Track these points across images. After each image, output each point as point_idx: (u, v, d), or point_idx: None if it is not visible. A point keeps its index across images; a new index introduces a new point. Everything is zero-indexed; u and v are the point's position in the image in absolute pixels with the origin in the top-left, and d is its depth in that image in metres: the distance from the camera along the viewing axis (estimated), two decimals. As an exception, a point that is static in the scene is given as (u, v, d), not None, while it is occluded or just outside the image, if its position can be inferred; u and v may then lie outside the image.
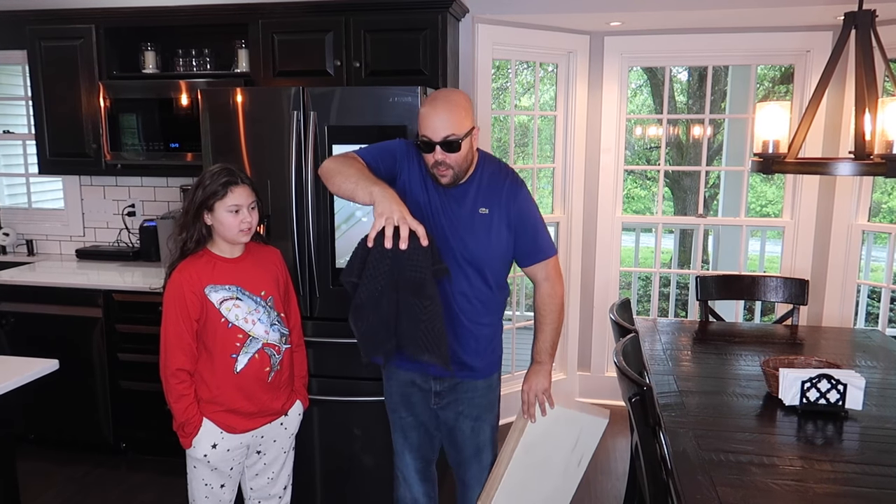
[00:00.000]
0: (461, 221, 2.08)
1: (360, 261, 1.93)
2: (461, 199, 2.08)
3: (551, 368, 2.24)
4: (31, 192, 4.36)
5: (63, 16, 3.58)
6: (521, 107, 8.33)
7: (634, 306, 3.82)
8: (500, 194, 2.10)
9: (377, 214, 1.81)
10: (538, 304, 2.22)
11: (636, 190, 11.88)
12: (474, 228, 2.08)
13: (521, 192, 2.13)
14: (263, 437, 2.28)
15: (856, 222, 3.79)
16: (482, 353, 2.20)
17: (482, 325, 2.18)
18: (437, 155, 1.98)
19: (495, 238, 2.10)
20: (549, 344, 2.21)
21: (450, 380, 2.19)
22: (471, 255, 2.09)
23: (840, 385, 2.13)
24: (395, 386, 2.27)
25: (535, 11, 3.55)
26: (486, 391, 2.23)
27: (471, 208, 2.08)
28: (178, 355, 2.12)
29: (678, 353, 2.77)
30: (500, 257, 2.15)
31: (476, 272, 2.11)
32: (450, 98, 2.02)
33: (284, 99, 2.93)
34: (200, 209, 2.12)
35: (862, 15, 2.24)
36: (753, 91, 4.27)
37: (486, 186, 2.10)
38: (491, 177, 2.12)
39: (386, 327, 1.99)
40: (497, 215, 2.10)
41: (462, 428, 2.23)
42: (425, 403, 2.24)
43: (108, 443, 3.51)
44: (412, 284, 1.90)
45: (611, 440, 3.75)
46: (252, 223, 2.16)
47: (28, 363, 2.29)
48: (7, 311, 3.48)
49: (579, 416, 2.27)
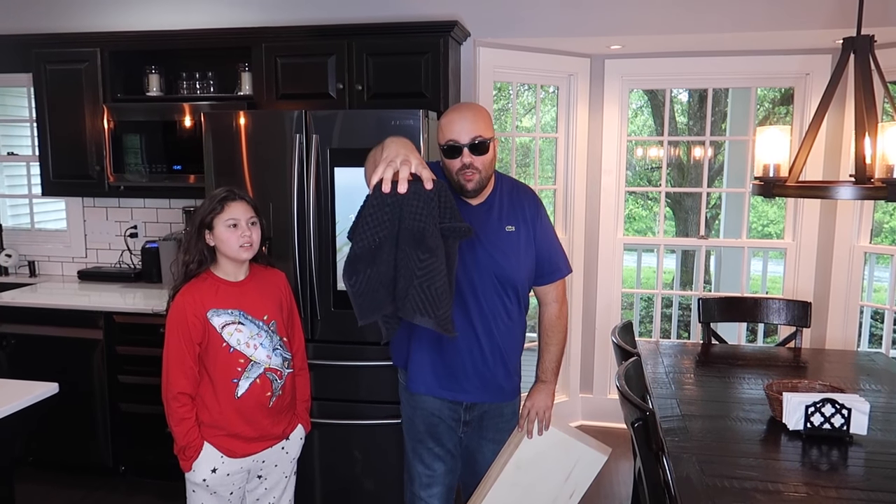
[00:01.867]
0: (490, 239, 2.05)
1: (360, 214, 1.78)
2: (487, 216, 2.07)
3: (555, 388, 2.23)
4: (34, 213, 4.38)
5: (68, 39, 3.62)
6: (522, 128, 8.38)
7: (637, 327, 3.81)
8: (523, 211, 2.10)
9: (381, 160, 1.71)
10: (546, 324, 2.21)
11: (637, 210, 11.89)
12: (503, 246, 2.06)
13: (542, 209, 2.15)
14: (265, 461, 2.26)
15: (858, 244, 3.79)
16: (514, 375, 2.19)
17: (517, 346, 2.18)
18: (465, 157, 1.94)
19: (524, 256, 2.10)
20: (555, 364, 2.21)
21: (480, 406, 2.16)
22: (503, 273, 2.06)
23: (844, 410, 2.11)
24: (421, 415, 2.17)
25: (536, 35, 3.58)
26: (511, 416, 2.22)
27: (497, 226, 2.07)
28: (180, 379, 2.11)
29: (681, 376, 2.75)
30: (527, 276, 2.13)
31: (511, 291, 2.09)
32: (473, 104, 2.07)
33: (287, 121, 2.95)
34: (201, 229, 2.13)
35: (861, 40, 2.25)
36: (754, 112, 4.30)
37: (507, 203, 2.10)
38: (511, 193, 2.12)
39: (384, 285, 1.81)
40: (524, 233, 2.09)
41: (484, 451, 2.21)
42: (452, 432, 2.19)
43: (108, 465, 3.48)
44: (412, 234, 1.73)
45: (614, 464, 3.71)
46: (252, 239, 2.16)
47: (27, 387, 2.27)
48: (8, 332, 3.47)
49: (579, 445, 2.23)
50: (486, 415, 2.18)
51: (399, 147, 1.74)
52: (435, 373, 2.11)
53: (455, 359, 2.10)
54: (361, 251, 1.76)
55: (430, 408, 2.16)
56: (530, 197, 2.15)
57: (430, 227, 1.72)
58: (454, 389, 2.12)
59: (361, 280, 1.79)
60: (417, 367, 2.13)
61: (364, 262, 1.77)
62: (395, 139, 1.80)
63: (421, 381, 2.14)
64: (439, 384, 2.12)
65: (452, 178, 1.99)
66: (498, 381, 2.14)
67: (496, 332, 2.09)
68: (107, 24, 3.81)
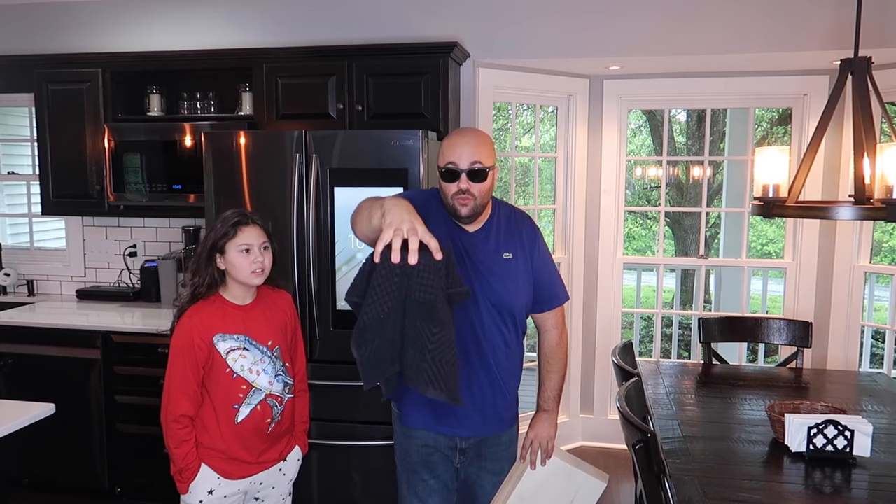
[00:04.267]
0: (487, 267, 2.01)
1: (366, 278, 1.73)
2: (484, 243, 2.03)
3: (557, 417, 2.18)
4: (34, 232, 4.38)
5: (70, 60, 3.64)
6: (521, 147, 8.42)
7: (637, 347, 3.80)
8: (520, 238, 2.07)
9: (385, 225, 1.65)
10: (546, 351, 2.17)
11: (637, 229, 11.90)
12: (500, 274, 2.02)
13: (539, 236, 2.12)
14: (262, 483, 2.23)
15: (857, 264, 3.79)
16: (512, 404, 2.15)
17: (516, 374, 2.13)
18: (462, 183, 1.91)
19: (522, 283, 2.06)
20: (556, 392, 2.16)
21: (475, 438, 2.10)
22: (500, 301, 2.01)
23: (847, 431, 2.10)
24: (415, 446, 2.11)
25: (536, 56, 3.61)
26: (508, 445, 2.17)
27: (494, 252, 2.03)
28: (183, 401, 2.09)
29: (682, 397, 2.73)
30: (525, 303, 2.09)
31: (508, 319, 2.05)
32: (477, 130, 2.05)
33: (287, 141, 2.96)
34: (212, 252, 2.11)
35: (858, 62, 2.27)
36: (752, 132, 4.32)
37: (504, 230, 2.07)
38: (508, 220, 2.09)
39: (390, 352, 1.78)
40: (521, 260, 2.06)
41: (483, 484, 2.14)
42: (448, 463, 2.13)
43: (104, 487, 3.44)
44: (422, 307, 1.70)
45: (615, 486, 3.68)
46: (265, 264, 2.13)
47: (24, 407, 2.26)
48: (5, 352, 3.45)
49: (579, 473, 2.18)
50: (484, 443, 2.12)
51: (403, 212, 1.68)
52: (432, 409, 2.05)
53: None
54: (370, 322, 1.72)
55: (425, 438, 2.10)
56: (528, 224, 2.13)
57: (440, 299, 1.70)
58: (451, 425, 2.06)
59: (370, 350, 1.76)
60: (412, 404, 2.08)
61: (373, 331, 1.74)
62: (396, 202, 1.73)
63: (417, 417, 2.08)
64: (436, 420, 2.06)
65: (447, 201, 1.96)
66: (497, 412, 2.09)
67: (494, 363, 2.04)
68: (108, 45, 3.84)
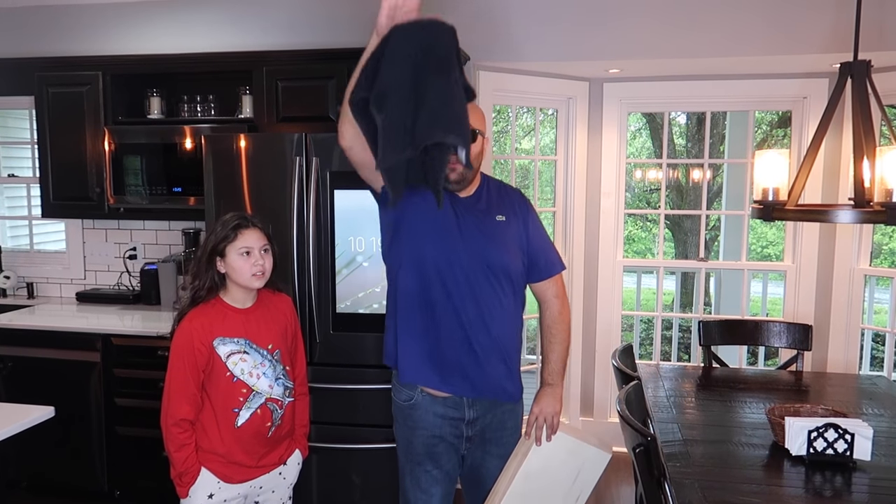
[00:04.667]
0: (481, 228, 2.06)
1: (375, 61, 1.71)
2: (476, 206, 2.09)
3: (562, 392, 2.15)
4: (34, 234, 4.37)
5: (71, 63, 3.64)
6: (521, 150, 8.42)
7: (637, 349, 3.79)
8: (512, 204, 2.14)
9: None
10: (548, 323, 2.16)
11: (637, 231, 11.91)
12: (496, 235, 2.07)
13: (531, 207, 2.19)
14: (262, 487, 2.23)
15: (857, 266, 3.79)
16: (515, 375, 2.14)
17: (514, 340, 2.13)
18: None
19: (515, 245, 2.10)
20: (560, 365, 2.14)
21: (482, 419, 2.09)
22: (495, 261, 2.05)
23: (847, 435, 2.09)
24: (420, 436, 2.11)
25: (535, 59, 3.61)
26: (514, 430, 2.17)
27: (486, 215, 2.09)
28: (183, 405, 2.08)
29: (682, 400, 2.73)
30: (520, 268, 2.11)
31: (504, 280, 2.06)
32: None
33: (287, 144, 2.96)
34: (212, 255, 2.11)
35: (857, 65, 2.27)
36: (752, 135, 4.32)
37: (496, 196, 2.13)
38: (498, 189, 2.17)
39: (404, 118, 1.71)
40: (514, 223, 2.11)
41: (489, 467, 2.14)
42: (454, 452, 2.13)
43: (103, 490, 3.44)
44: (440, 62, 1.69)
45: (615, 489, 3.67)
46: (265, 267, 2.14)
47: (23, 410, 2.26)
48: (5, 355, 3.45)
49: (584, 446, 2.16)
50: (489, 428, 2.12)
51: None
52: (431, 363, 2.03)
53: (449, 351, 2.03)
54: (390, 81, 1.70)
55: (430, 426, 2.09)
56: (519, 195, 2.21)
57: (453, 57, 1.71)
58: (452, 383, 2.04)
59: (390, 110, 1.71)
60: (407, 357, 2.06)
61: (393, 92, 1.70)
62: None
63: (413, 371, 2.05)
64: (439, 377, 2.04)
65: None
66: (498, 379, 2.08)
67: (491, 323, 2.03)
68: (108, 48, 3.84)
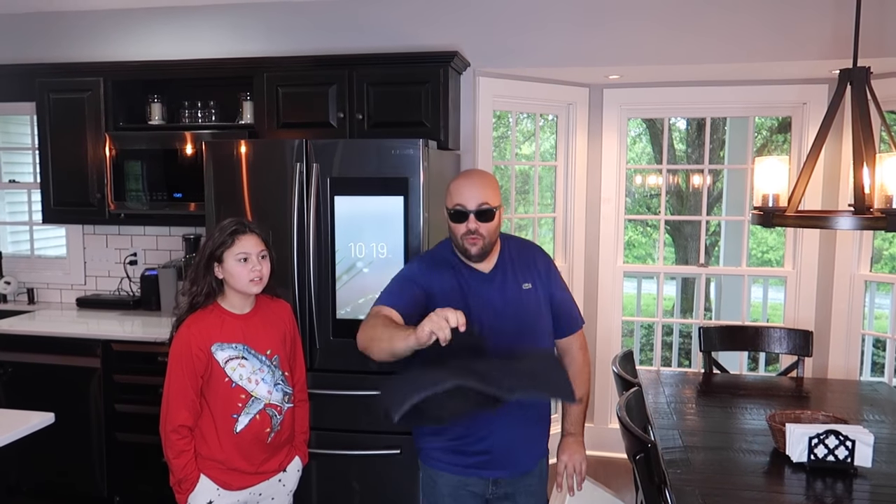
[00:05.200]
0: (509, 301, 2.04)
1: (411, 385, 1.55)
2: (503, 279, 2.06)
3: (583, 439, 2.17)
4: (34, 240, 4.38)
5: (72, 69, 3.65)
6: (521, 155, 8.42)
7: (637, 355, 3.79)
8: (536, 268, 2.12)
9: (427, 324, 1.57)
10: (573, 374, 2.14)
11: (637, 237, 11.89)
12: (525, 305, 2.06)
13: (552, 263, 2.18)
14: (261, 494, 2.23)
15: (858, 272, 3.78)
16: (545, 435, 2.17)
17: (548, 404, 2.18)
18: (471, 223, 1.97)
19: (544, 310, 2.10)
20: (582, 415, 2.17)
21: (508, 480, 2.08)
22: (530, 331, 2.05)
23: (848, 441, 2.09)
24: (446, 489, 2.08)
25: (535, 65, 3.62)
26: (539, 483, 2.15)
27: (514, 286, 2.07)
28: (181, 411, 2.08)
29: (682, 407, 2.73)
30: (549, 331, 2.13)
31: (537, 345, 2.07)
32: (483, 172, 2.13)
33: (287, 150, 2.96)
34: (210, 261, 2.11)
35: (857, 72, 2.27)
36: (752, 141, 4.32)
37: (519, 262, 2.11)
38: (520, 251, 2.15)
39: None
40: (540, 288, 2.10)
41: None
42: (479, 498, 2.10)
43: (102, 496, 3.43)
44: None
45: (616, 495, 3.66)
46: (263, 273, 2.14)
47: (23, 416, 2.26)
48: (5, 360, 3.45)
49: (603, 493, 2.23)
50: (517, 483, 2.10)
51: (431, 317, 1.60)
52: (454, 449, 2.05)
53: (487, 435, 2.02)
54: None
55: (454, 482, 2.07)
56: (541, 253, 2.18)
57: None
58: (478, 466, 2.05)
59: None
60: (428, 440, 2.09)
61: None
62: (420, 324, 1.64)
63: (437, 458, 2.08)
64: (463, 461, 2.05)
65: (457, 241, 2.02)
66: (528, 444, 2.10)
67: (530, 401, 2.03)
68: (110, 54, 3.85)
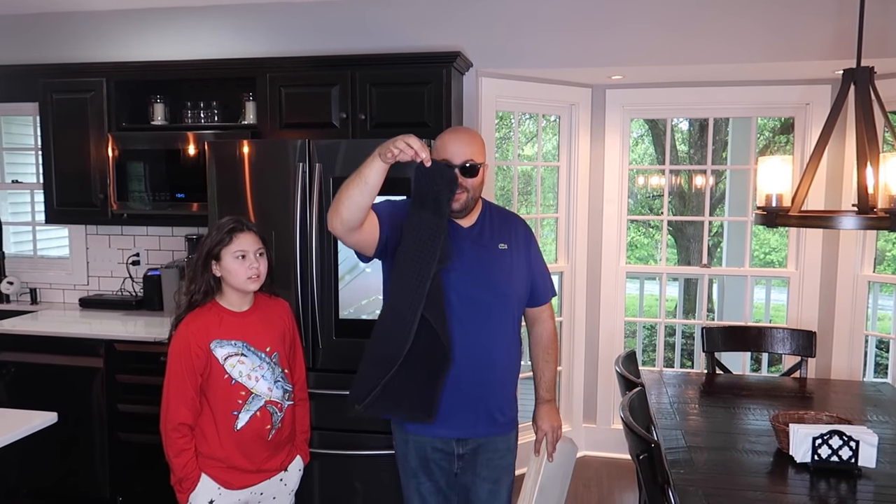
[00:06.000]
0: (483, 257, 2.09)
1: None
2: (479, 235, 2.12)
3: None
4: (37, 240, 4.38)
5: (75, 69, 3.66)
6: (524, 156, 8.42)
7: (640, 356, 3.78)
8: (515, 233, 2.18)
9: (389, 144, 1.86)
10: (545, 342, 2.26)
11: (639, 238, 11.88)
12: (498, 264, 2.11)
13: (533, 236, 2.23)
14: (262, 493, 2.22)
15: (861, 273, 3.78)
16: (511, 404, 2.20)
17: (514, 370, 2.20)
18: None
19: (517, 274, 2.15)
20: (554, 381, 2.27)
21: (473, 441, 2.13)
22: (499, 290, 2.10)
23: (852, 442, 2.08)
24: (414, 450, 2.15)
25: (538, 66, 3.62)
26: (506, 452, 2.18)
27: (490, 244, 2.12)
28: (181, 409, 2.08)
29: (685, 407, 2.72)
30: (521, 295, 2.18)
31: (507, 309, 2.12)
32: (468, 129, 2.18)
33: (290, 151, 2.96)
34: (208, 259, 2.12)
35: (861, 72, 2.27)
36: (754, 141, 4.31)
37: (498, 224, 2.17)
38: (500, 216, 2.20)
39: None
40: (516, 253, 2.15)
41: (478, 491, 2.16)
42: (447, 468, 2.16)
43: (105, 496, 3.43)
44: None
45: (618, 496, 3.66)
46: (260, 270, 2.15)
47: (26, 416, 2.26)
48: (8, 360, 3.45)
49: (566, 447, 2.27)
50: (481, 448, 2.14)
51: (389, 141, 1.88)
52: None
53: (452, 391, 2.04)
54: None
55: (422, 443, 2.13)
56: (522, 224, 2.24)
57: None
58: (447, 426, 2.08)
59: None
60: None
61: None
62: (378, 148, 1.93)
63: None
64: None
65: None
66: (492, 411, 2.12)
67: (497, 356, 2.10)
68: (113, 55, 3.86)
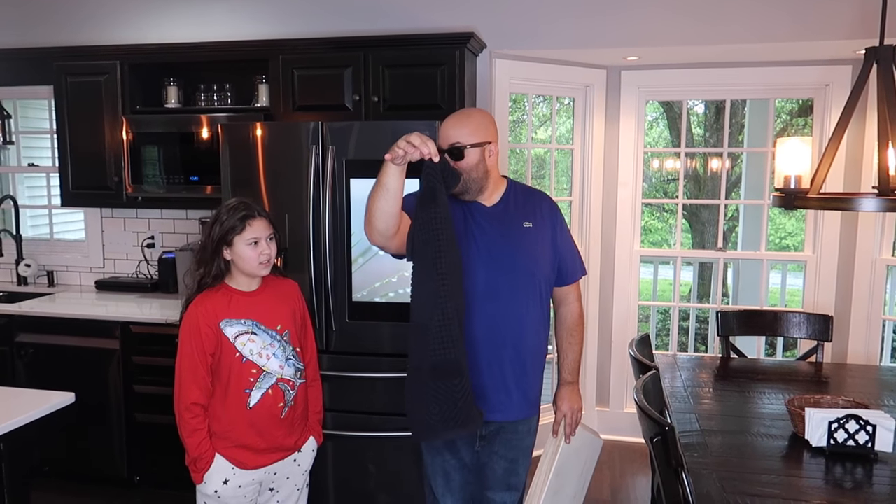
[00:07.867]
0: (509, 236, 2.08)
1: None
2: (504, 214, 2.11)
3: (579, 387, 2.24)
4: (53, 223, 4.42)
5: (89, 52, 3.67)
6: (537, 139, 8.37)
7: (653, 340, 3.76)
8: (540, 210, 2.15)
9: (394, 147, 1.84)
10: (570, 323, 2.23)
11: (653, 221, 11.81)
12: (522, 242, 2.09)
13: (559, 211, 2.20)
14: (276, 473, 2.25)
15: (879, 257, 3.73)
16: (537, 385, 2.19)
17: (540, 352, 2.18)
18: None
19: (543, 253, 2.12)
20: (578, 363, 2.24)
21: (496, 424, 2.13)
22: (526, 269, 2.08)
23: (869, 426, 2.07)
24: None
25: (552, 47, 3.58)
26: (525, 435, 2.18)
27: (515, 223, 2.10)
28: (193, 389, 2.11)
29: (699, 391, 2.71)
30: (548, 274, 2.15)
31: (535, 289, 2.10)
32: (466, 111, 2.15)
33: (303, 133, 2.96)
34: (219, 245, 2.12)
35: (883, 50, 2.22)
36: (772, 124, 4.25)
37: (523, 202, 2.15)
38: (525, 195, 2.18)
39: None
40: (542, 231, 2.13)
41: (493, 467, 2.17)
42: (470, 446, 2.17)
43: (122, 476, 3.48)
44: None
45: (631, 479, 3.66)
46: (271, 255, 2.16)
47: (44, 396, 2.29)
48: (26, 342, 3.50)
49: (589, 437, 2.26)
50: (503, 430, 2.15)
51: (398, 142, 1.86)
52: None
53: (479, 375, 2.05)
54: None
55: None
56: (547, 200, 2.21)
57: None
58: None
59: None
60: None
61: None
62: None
63: None
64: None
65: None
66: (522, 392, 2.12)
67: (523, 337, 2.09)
68: (126, 38, 3.86)
